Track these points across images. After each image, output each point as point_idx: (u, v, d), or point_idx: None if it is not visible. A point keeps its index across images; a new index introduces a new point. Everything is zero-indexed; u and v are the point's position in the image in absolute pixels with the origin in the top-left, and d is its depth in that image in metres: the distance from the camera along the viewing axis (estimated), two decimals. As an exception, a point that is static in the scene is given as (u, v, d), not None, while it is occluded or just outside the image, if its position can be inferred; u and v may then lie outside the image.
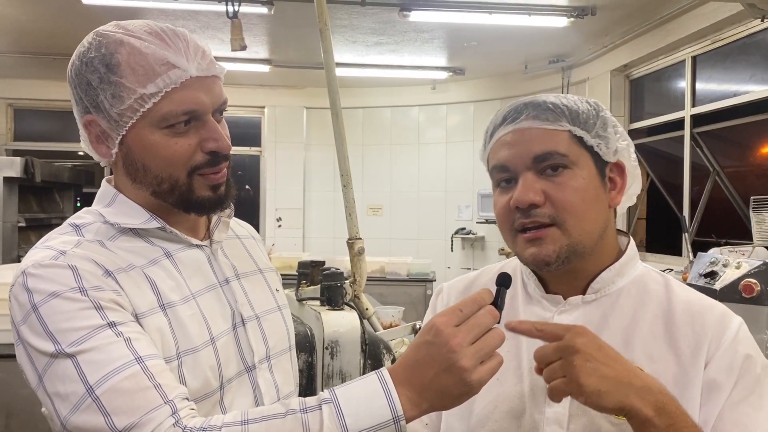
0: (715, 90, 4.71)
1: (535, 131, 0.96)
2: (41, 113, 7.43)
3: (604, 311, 0.97)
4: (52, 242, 0.94)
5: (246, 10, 4.34)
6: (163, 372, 0.86)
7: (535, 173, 0.95)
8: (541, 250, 0.93)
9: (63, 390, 0.84)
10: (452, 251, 7.22)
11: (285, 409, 0.83)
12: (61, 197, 5.76)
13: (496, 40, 5.53)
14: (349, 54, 6.04)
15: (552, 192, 0.93)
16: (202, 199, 0.99)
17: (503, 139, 0.98)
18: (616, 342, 0.92)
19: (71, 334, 0.85)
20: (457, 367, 0.79)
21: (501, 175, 0.98)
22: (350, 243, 2.66)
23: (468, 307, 0.83)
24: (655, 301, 0.98)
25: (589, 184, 0.95)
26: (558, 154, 0.94)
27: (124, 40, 0.93)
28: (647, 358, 0.93)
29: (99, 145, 0.99)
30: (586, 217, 0.95)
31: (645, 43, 5.05)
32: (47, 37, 5.52)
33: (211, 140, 0.96)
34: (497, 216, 1.00)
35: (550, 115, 0.96)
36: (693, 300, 0.97)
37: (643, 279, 1.01)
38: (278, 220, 7.57)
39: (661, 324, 0.95)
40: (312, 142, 7.65)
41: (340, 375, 2.33)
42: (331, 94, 2.67)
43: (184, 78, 0.93)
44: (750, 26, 4.13)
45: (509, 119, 0.98)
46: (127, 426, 0.81)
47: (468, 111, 7.32)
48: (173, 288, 0.97)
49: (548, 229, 0.93)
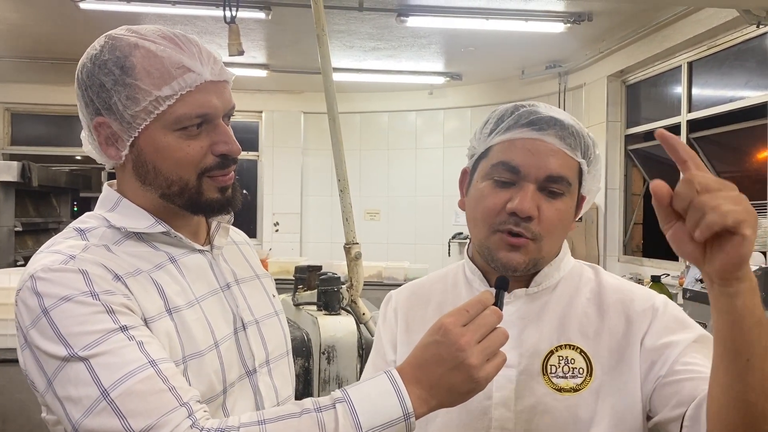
0: (711, 95, 4.72)
1: (557, 151, 1.01)
2: (38, 117, 7.43)
3: (543, 301, 1.07)
4: (58, 246, 0.94)
5: (244, 15, 4.35)
6: (176, 375, 0.87)
7: (537, 188, 1.00)
8: (516, 258, 1.01)
9: (75, 394, 0.83)
10: (449, 256, 7.23)
11: (300, 409, 0.84)
12: (58, 202, 5.76)
13: (493, 46, 5.55)
14: (346, 59, 6.05)
15: (545, 212, 1.00)
16: (211, 200, 1.00)
17: (523, 143, 1.01)
18: (556, 326, 1.04)
19: (84, 337, 0.85)
20: (465, 365, 0.83)
21: (505, 174, 1.01)
22: (347, 248, 2.66)
23: (474, 308, 0.86)
24: (587, 287, 1.08)
25: (570, 211, 1.04)
26: (566, 182, 1.01)
27: (139, 43, 0.95)
28: (582, 335, 1.03)
29: (108, 147, 0.99)
30: (558, 239, 1.05)
31: (641, 48, 5.07)
32: (45, 41, 5.53)
33: (222, 143, 0.98)
34: (483, 208, 1.03)
35: (572, 141, 1.02)
36: (621, 284, 1.09)
37: (576, 270, 1.11)
38: (275, 224, 7.57)
39: (593, 305, 1.06)
40: (309, 147, 7.66)
41: (336, 380, 2.33)
42: (329, 99, 2.68)
43: (199, 81, 0.95)
44: (745, 32, 4.15)
45: (536, 126, 1.01)
46: (144, 428, 0.81)
47: (465, 116, 7.33)
48: (179, 293, 0.97)
49: (528, 241, 1.00)
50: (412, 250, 7.37)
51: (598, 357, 1.01)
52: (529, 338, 1.04)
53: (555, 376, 1.01)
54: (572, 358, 1.02)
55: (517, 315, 1.05)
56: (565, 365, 1.02)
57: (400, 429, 0.83)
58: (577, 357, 1.02)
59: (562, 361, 1.02)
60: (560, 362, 1.02)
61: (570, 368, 1.02)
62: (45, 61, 6.03)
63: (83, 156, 7.82)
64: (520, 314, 1.06)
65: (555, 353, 1.02)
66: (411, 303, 1.19)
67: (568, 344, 1.03)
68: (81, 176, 6.18)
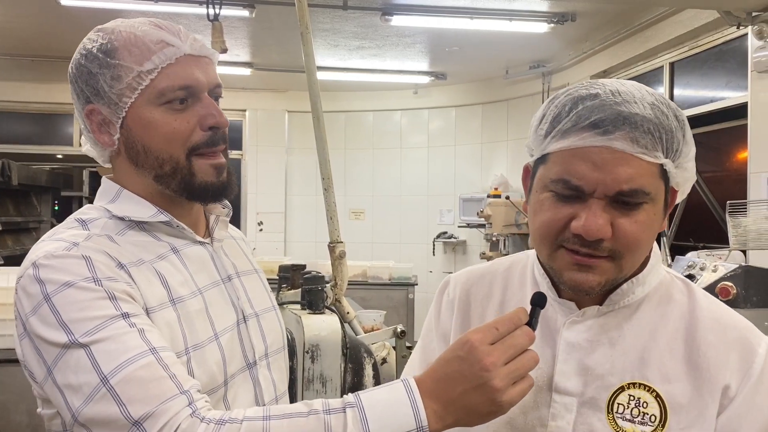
0: (693, 96, 4.78)
1: (628, 159, 0.81)
2: (18, 115, 7.33)
3: (620, 323, 0.90)
4: (61, 235, 0.94)
5: (227, 13, 4.32)
6: (176, 364, 0.86)
7: (609, 202, 0.83)
8: (587, 279, 0.85)
9: (75, 381, 0.83)
10: (434, 255, 7.24)
11: (308, 409, 0.83)
12: (39, 201, 5.69)
13: (477, 46, 5.57)
14: (331, 58, 6.04)
15: (621, 227, 0.83)
16: (206, 184, 1.00)
17: (587, 153, 0.82)
18: (631, 358, 0.88)
19: (85, 323, 0.84)
20: (488, 386, 0.79)
21: (566, 190, 0.84)
22: (331, 246, 2.65)
23: (504, 326, 0.81)
24: (676, 314, 0.91)
25: (656, 218, 0.86)
26: (643, 193, 0.82)
27: (121, 28, 0.99)
28: (662, 377, 0.87)
29: (101, 134, 1.00)
30: (644, 251, 0.87)
31: (624, 49, 5.11)
32: (25, 38, 5.45)
33: (209, 116, 0.98)
34: (542, 223, 0.86)
35: (648, 141, 0.81)
36: (717, 317, 0.90)
37: (666, 288, 0.93)
38: (259, 224, 7.54)
39: (681, 341, 0.89)
40: (294, 146, 7.63)
41: (320, 379, 2.32)
42: (313, 97, 2.67)
43: (178, 54, 0.97)
44: (726, 33, 4.20)
45: (600, 129, 0.81)
46: (143, 415, 0.80)
47: (450, 115, 7.35)
48: (182, 283, 0.97)
49: (602, 260, 0.84)
50: (397, 249, 7.36)
51: (675, 407, 0.85)
52: (599, 366, 0.89)
53: (621, 417, 0.87)
54: (645, 401, 0.86)
55: (585, 336, 0.90)
56: (636, 407, 0.86)
57: None
58: (651, 401, 0.86)
59: (633, 402, 0.87)
60: (630, 402, 0.87)
61: (641, 412, 0.86)
62: (25, 58, 5.96)
63: (64, 155, 7.75)
64: (590, 336, 0.90)
65: (626, 390, 0.87)
66: (471, 296, 1.04)
67: (643, 384, 0.87)
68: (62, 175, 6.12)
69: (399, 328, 2.60)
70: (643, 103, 0.83)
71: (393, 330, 2.63)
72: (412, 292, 5.82)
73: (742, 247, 3.12)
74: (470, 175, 7.11)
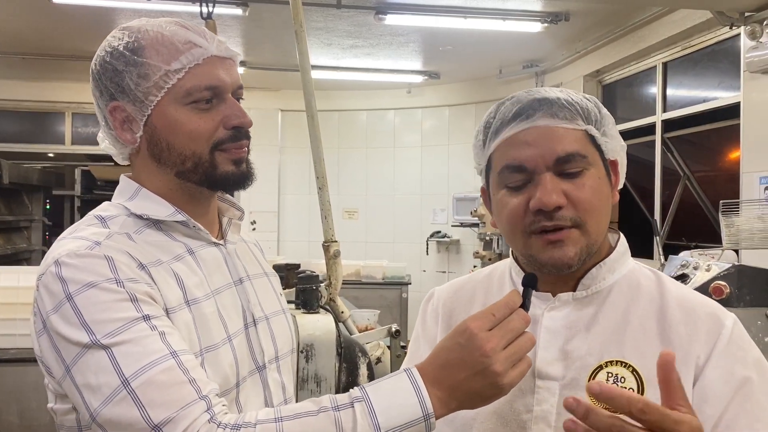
0: (685, 96, 4.79)
1: (554, 130, 0.92)
2: (10, 114, 7.28)
3: (594, 309, 0.96)
4: (82, 233, 0.94)
5: (220, 11, 4.31)
6: (196, 368, 0.87)
7: (554, 174, 0.91)
8: (565, 253, 0.91)
9: (95, 381, 0.83)
10: (428, 254, 7.24)
11: (317, 407, 0.84)
12: (30, 200, 5.64)
13: (470, 45, 5.57)
14: (324, 57, 6.03)
15: (573, 193, 0.91)
16: (227, 173, 1.01)
17: (518, 138, 0.93)
18: (607, 338, 0.94)
19: (107, 325, 0.84)
20: (490, 371, 0.81)
21: (515, 176, 0.93)
22: (326, 246, 2.65)
23: (500, 311, 0.84)
24: (646, 297, 0.97)
25: (602, 183, 0.94)
26: (579, 156, 0.92)
27: (148, 27, 0.99)
28: (638, 353, 0.92)
29: (124, 132, 1.01)
30: (602, 216, 0.94)
31: (617, 49, 5.12)
32: (16, 36, 5.42)
33: (234, 116, 1.00)
34: (507, 218, 0.95)
35: (566, 113, 0.93)
36: (686, 297, 0.97)
37: (634, 275, 1.00)
38: (252, 223, 7.52)
39: (653, 320, 0.95)
40: (287, 145, 7.62)
41: (315, 378, 2.32)
42: (307, 96, 2.66)
43: (205, 55, 0.98)
44: (719, 33, 4.22)
45: (522, 116, 0.93)
46: (164, 420, 0.81)
47: (443, 115, 7.35)
48: (198, 284, 0.98)
49: (569, 230, 0.91)
50: (391, 248, 7.36)
51: (651, 380, 0.88)
52: (576, 350, 0.95)
53: None
54: (623, 376, 0.92)
55: (563, 323, 0.96)
56: (615, 383, 0.91)
57: (419, 429, 0.82)
58: (629, 376, 0.92)
59: (611, 379, 0.92)
60: (609, 379, 0.92)
61: (619, 387, 0.91)
62: (16, 56, 5.92)
63: (56, 153, 7.70)
64: (567, 323, 0.96)
65: (604, 369, 0.93)
66: (454, 303, 1.11)
67: (619, 361, 0.92)
68: (54, 174, 6.07)
69: (394, 327, 2.60)
70: (553, 91, 0.96)
71: (388, 329, 2.63)
72: (406, 292, 5.82)
73: (735, 247, 3.13)
74: (464, 174, 7.11)
